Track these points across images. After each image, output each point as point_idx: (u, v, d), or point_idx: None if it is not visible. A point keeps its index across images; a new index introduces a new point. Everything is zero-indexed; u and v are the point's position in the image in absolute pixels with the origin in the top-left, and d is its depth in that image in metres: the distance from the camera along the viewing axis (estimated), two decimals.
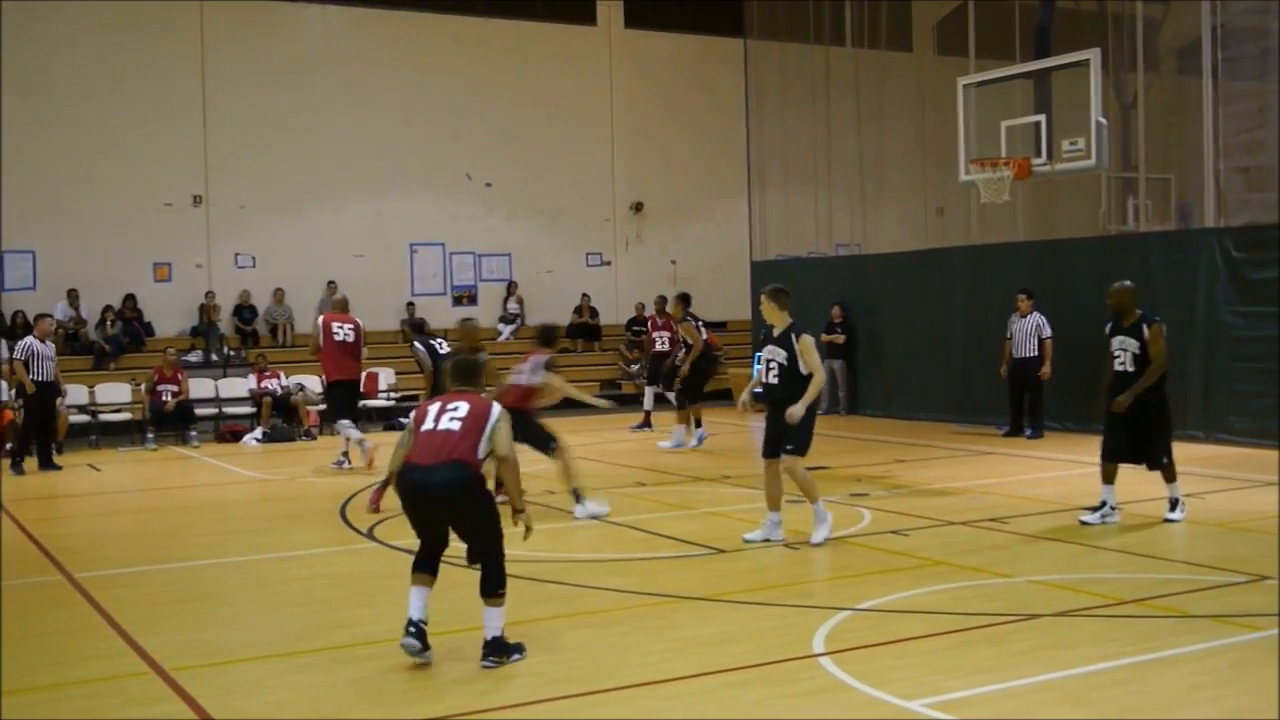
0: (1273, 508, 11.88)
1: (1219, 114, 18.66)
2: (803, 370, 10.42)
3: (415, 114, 26.67)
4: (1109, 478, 11.26)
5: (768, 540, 10.67)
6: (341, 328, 16.60)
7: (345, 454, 16.70)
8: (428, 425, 7.29)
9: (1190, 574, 9.14)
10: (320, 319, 17.09)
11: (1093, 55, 17.23)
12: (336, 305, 17.38)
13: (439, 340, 16.11)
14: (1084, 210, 22.71)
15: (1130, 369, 11.06)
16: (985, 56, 22.78)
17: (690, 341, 18.55)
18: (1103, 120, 17.21)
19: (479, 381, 7.76)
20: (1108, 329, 11.34)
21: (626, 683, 6.81)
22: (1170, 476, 11.31)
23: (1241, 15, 19.36)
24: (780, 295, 10.87)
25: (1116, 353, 11.15)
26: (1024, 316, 18.19)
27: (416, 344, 15.64)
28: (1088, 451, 16.02)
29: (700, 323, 18.97)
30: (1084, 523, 11.12)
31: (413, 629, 7.19)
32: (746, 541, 10.72)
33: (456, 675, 7.06)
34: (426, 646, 7.18)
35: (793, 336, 10.53)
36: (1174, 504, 11.33)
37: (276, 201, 25.57)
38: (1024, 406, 18.37)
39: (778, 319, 10.74)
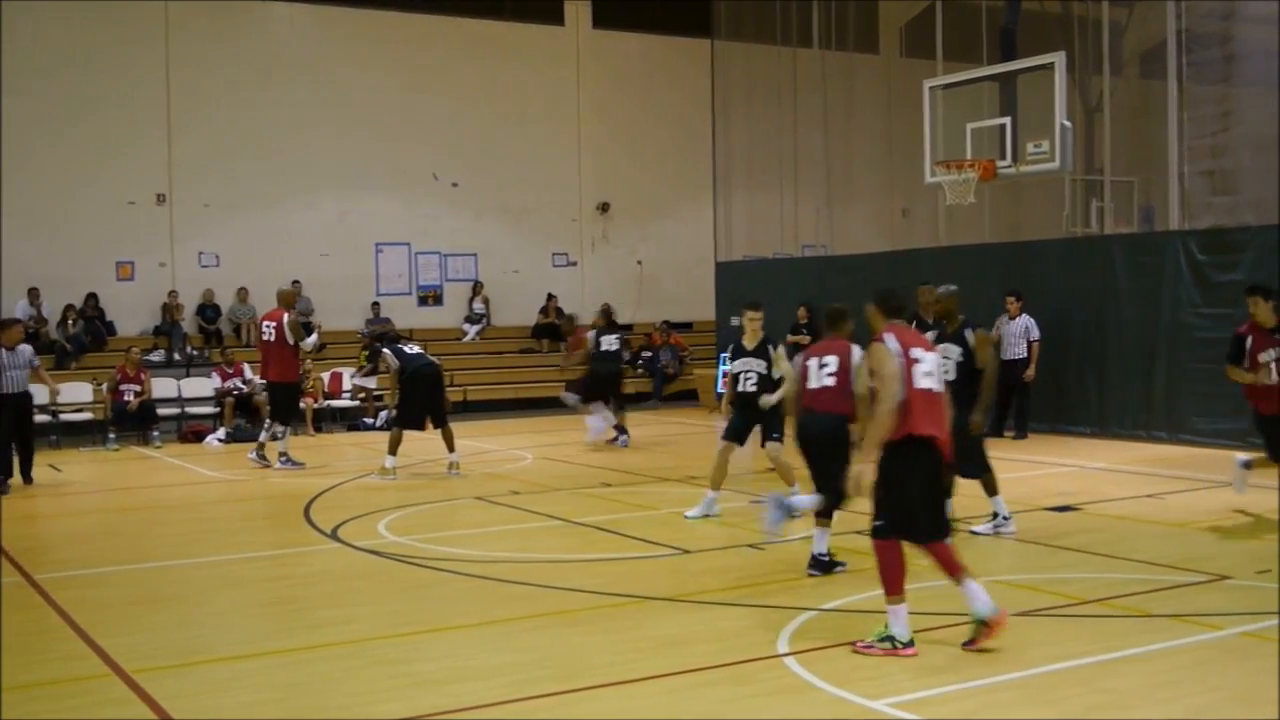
0: (1231, 507, 11.96)
1: (1183, 118, 18.80)
2: (775, 376, 11.52)
3: (381, 113, 26.56)
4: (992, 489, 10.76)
5: (707, 516, 11.81)
6: (267, 325, 16.52)
7: (283, 453, 16.64)
8: (811, 384, 9.18)
9: (1151, 574, 9.19)
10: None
11: (1058, 58, 17.35)
12: (278, 300, 16.95)
13: (408, 343, 16.27)
14: (1049, 212, 22.84)
15: (953, 377, 10.45)
16: (951, 59, 22.90)
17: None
18: (1067, 123, 17.31)
19: (844, 327, 9.42)
20: (931, 337, 10.96)
21: (592, 683, 6.80)
22: (992, 489, 10.80)
23: (1205, 20, 19.50)
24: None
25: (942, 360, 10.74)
26: (1013, 319, 18.19)
27: (386, 350, 15.77)
28: (1055, 452, 16.15)
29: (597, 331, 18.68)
30: (974, 532, 10.71)
31: (813, 561, 9.20)
32: (688, 519, 11.84)
33: (424, 676, 7.03)
34: (826, 572, 9.13)
35: (769, 348, 11.68)
36: (993, 517, 10.81)
37: (241, 200, 25.42)
38: (1010, 408, 18.28)
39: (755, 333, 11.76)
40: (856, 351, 8.97)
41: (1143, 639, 7.34)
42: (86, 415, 21.29)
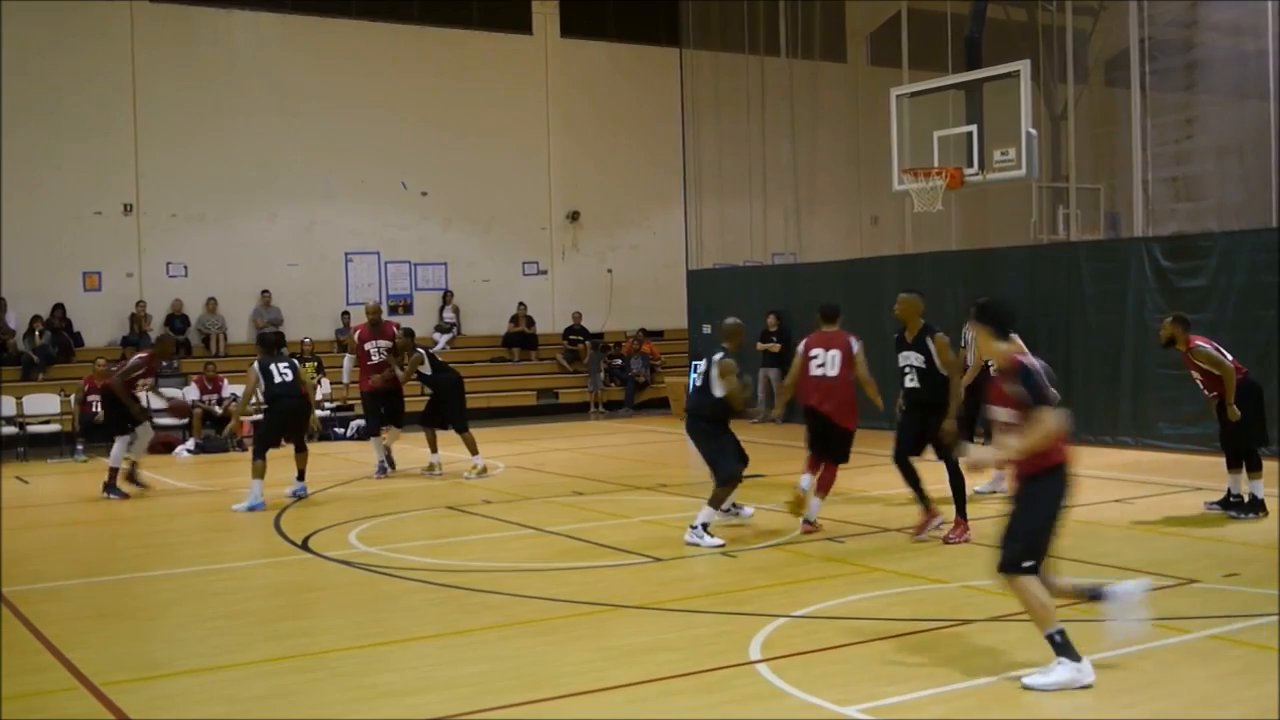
0: (1198, 511, 12.06)
1: (1147, 125, 18.93)
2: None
3: (350, 122, 26.50)
4: None
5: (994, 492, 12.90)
6: (377, 346, 16.77)
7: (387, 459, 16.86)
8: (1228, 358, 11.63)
9: (1119, 577, 9.23)
10: (357, 334, 17.15)
11: (1023, 66, 17.44)
12: (370, 315, 17.13)
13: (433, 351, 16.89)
14: (1015, 219, 22.97)
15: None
16: (918, 67, 23.00)
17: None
18: (1033, 131, 17.40)
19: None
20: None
21: (563, 692, 6.80)
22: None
23: (1168, 28, 19.65)
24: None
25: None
26: None
27: (420, 350, 16.66)
28: None
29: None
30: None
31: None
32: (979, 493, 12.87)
33: (386, 687, 7.01)
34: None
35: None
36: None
37: (209, 210, 25.31)
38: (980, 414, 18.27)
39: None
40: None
41: (1111, 643, 7.37)
42: (54, 427, 21.14)
